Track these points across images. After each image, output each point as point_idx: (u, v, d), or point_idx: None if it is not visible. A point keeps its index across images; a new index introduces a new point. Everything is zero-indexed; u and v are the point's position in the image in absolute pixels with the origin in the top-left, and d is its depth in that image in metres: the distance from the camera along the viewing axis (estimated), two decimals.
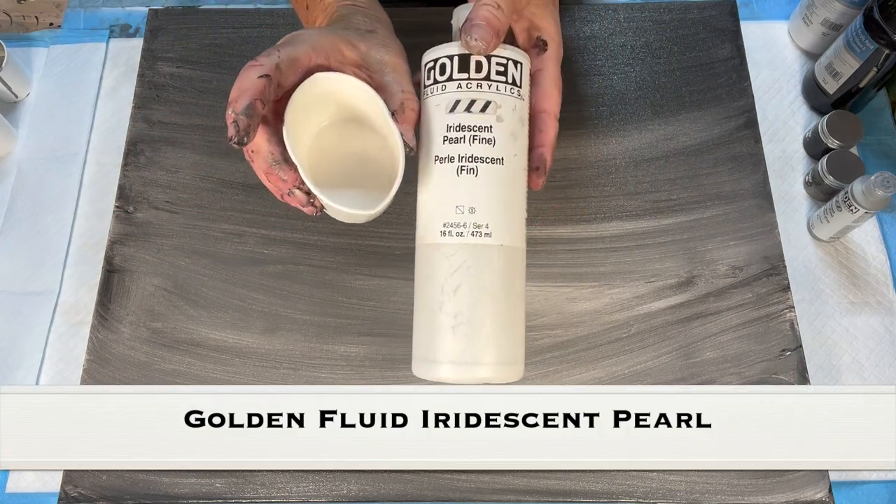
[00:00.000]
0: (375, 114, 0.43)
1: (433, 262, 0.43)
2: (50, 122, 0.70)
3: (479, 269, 0.42)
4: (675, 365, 0.57)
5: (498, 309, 0.42)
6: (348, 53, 0.44)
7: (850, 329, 0.61)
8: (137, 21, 0.74)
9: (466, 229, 0.42)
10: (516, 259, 0.44)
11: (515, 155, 0.44)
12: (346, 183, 0.45)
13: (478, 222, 0.42)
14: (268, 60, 0.40)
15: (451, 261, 0.42)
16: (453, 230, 0.42)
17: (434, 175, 0.43)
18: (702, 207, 0.62)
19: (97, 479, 0.55)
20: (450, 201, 0.42)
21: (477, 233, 0.42)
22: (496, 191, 0.42)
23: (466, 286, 0.42)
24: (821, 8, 0.66)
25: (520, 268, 0.44)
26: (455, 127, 0.43)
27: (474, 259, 0.42)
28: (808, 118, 0.69)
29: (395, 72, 0.44)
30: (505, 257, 0.43)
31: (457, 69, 0.43)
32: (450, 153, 0.43)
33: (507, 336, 0.43)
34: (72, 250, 0.65)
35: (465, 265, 0.42)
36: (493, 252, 0.42)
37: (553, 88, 0.47)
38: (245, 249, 0.61)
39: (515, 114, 0.44)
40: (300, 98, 0.42)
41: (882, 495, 0.56)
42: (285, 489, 0.55)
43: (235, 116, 0.38)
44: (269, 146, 0.41)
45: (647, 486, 0.54)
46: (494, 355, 0.42)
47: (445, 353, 0.42)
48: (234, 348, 0.58)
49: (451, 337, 0.42)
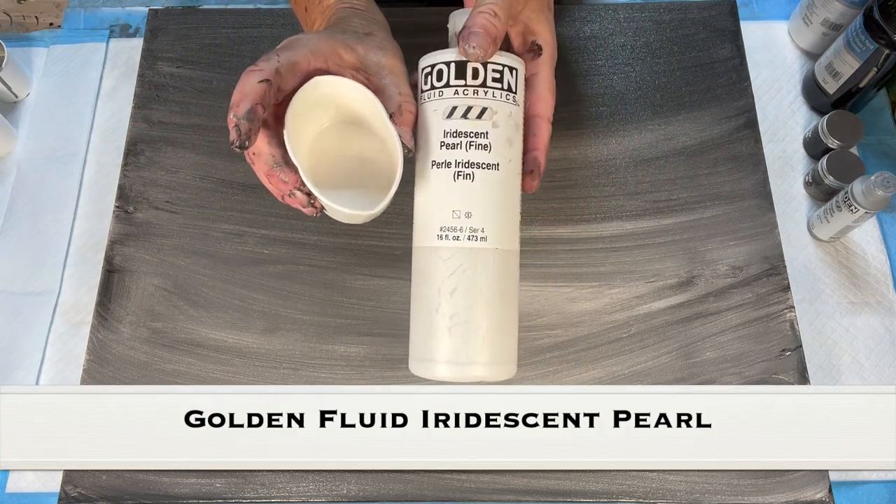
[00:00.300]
0: (374, 116, 0.43)
1: (430, 264, 0.44)
2: (50, 122, 0.70)
3: (475, 272, 0.43)
4: (675, 365, 0.57)
5: (493, 311, 0.43)
6: (346, 57, 0.44)
7: (850, 329, 0.61)
8: (137, 21, 0.74)
9: (463, 233, 0.43)
10: (511, 262, 0.45)
11: (510, 160, 0.44)
12: (345, 184, 0.46)
13: (474, 227, 0.43)
14: (267, 65, 0.40)
15: (448, 264, 0.43)
16: (450, 234, 0.43)
17: (431, 179, 0.44)
18: (702, 207, 0.62)
19: (97, 479, 0.55)
20: (446, 206, 0.43)
21: (473, 237, 0.43)
22: (492, 196, 0.43)
23: (462, 289, 0.42)
24: (821, 8, 0.66)
25: (514, 270, 0.45)
26: (452, 133, 0.43)
27: (470, 262, 0.43)
28: (808, 118, 0.69)
29: (393, 74, 0.45)
30: (500, 260, 0.43)
31: (454, 75, 0.43)
32: (447, 158, 0.43)
33: (501, 337, 0.44)
34: (72, 250, 0.65)
35: (461, 268, 0.43)
36: (489, 256, 0.43)
37: (547, 92, 0.47)
38: (245, 249, 0.61)
39: (511, 119, 0.44)
40: (300, 101, 0.42)
41: (882, 495, 0.56)
42: (285, 489, 0.55)
43: (237, 121, 0.38)
44: (270, 149, 0.42)
45: (647, 486, 0.54)
46: (489, 355, 0.43)
47: (442, 353, 0.43)
48: (234, 348, 0.58)
49: (447, 337, 0.43)
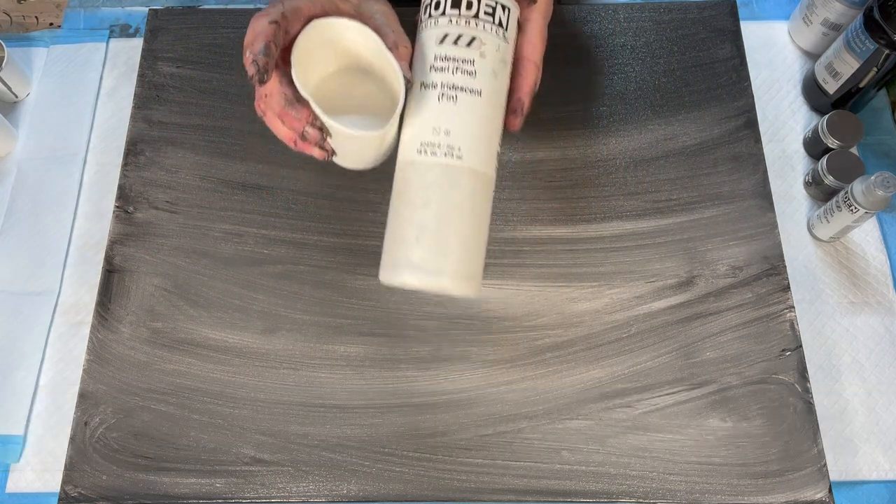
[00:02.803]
0: (374, 52, 0.46)
1: (408, 176, 0.46)
2: (50, 122, 0.70)
3: (448, 187, 0.45)
4: (675, 365, 0.57)
5: (462, 226, 0.45)
6: (342, 6, 0.47)
7: (850, 329, 0.61)
8: (137, 21, 0.74)
9: (440, 149, 0.45)
10: (484, 185, 0.46)
11: (495, 92, 0.47)
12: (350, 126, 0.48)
13: (451, 144, 0.45)
14: (274, 10, 0.44)
15: (424, 177, 0.45)
16: (428, 149, 0.45)
17: (418, 99, 0.46)
18: (702, 207, 0.62)
19: (97, 479, 0.55)
20: (428, 123, 0.45)
21: (450, 154, 0.45)
22: (472, 118, 0.45)
23: (435, 202, 0.44)
24: (821, 8, 0.66)
25: (487, 194, 0.47)
26: (441, 57, 0.46)
27: (445, 178, 0.45)
28: (808, 118, 0.69)
29: (386, 16, 0.47)
30: (473, 180, 0.45)
31: (450, 5, 0.46)
32: (434, 80, 0.46)
33: (468, 251, 0.45)
34: (72, 250, 0.65)
35: (436, 183, 0.45)
36: (464, 174, 0.45)
37: (537, 38, 0.49)
38: (245, 249, 0.61)
39: (498, 54, 0.47)
40: (303, 42, 0.45)
41: (882, 495, 0.56)
42: (285, 489, 0.55)
43: (254, 56, 0.42)
44: (282, 87, 0.45)
45: (647, 486, 0.54)
46: (454, 266, 0.45)
47: (410, 260, 0.45)
48: (234, 348, 0.58)
49: (415, 245, 0.44)
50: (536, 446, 0.55)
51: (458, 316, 0.59)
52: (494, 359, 0.57)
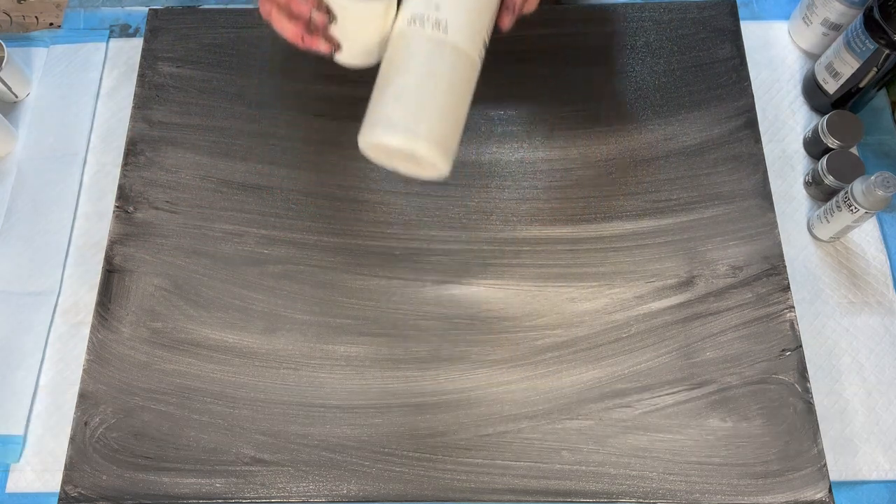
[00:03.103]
0: None
1: (396, 45, 0.48)
2: (50, 122, 0.70)
3: (431, 57, 0.46)
4: (675, 365, 0.57)
5: (440, 96, 0.46)
6: None
7: (850, 329, 0.61)
8: (137, 21, 0.74)
9: (429, 21, 0.46)
10: (466, 64, 0.48)
11: None
12: None
13: (439, 18, 0.46)
14: None
15: (409, 47, 0.47)
16: (418, 21, 0.47)
17: None
18: (702, 207, 0.62)
19: (97, 479, 0.55)
20: None
21: (437, 27, 0.46)
22: (463, 1, 0.47)
23: (416, 68, 0.46)
24: (821, 8, 0.66)
25: (468, 74, 0.48)
26: None
27: (429, 49, 0.47)
28: (808, 118, 0.69)
29: None
30: (456, 56, 0.47)
31: None
32: None
33: (443, 122, 0.47)
34: (72, 250, 0.65)
35: (420, 51, 0.47)
36: (447, 49, 0.46)
37: None
38: (245, 249, 0.61)
39: None
40: None
41: (882, 495, 0.56)
42: (285, 489, 0.55)
43: None
44: None
45: (647, 486, 0.54)
46: (428, 131, 0.46)
47: (388, 117, 0.46)
48: (234, 348, 0.58)
49: (393, 103, 0.46)
50: (536, 446, 0.55)
51: (458, 316, 0.59)
52: (494, 359, 0.57)
